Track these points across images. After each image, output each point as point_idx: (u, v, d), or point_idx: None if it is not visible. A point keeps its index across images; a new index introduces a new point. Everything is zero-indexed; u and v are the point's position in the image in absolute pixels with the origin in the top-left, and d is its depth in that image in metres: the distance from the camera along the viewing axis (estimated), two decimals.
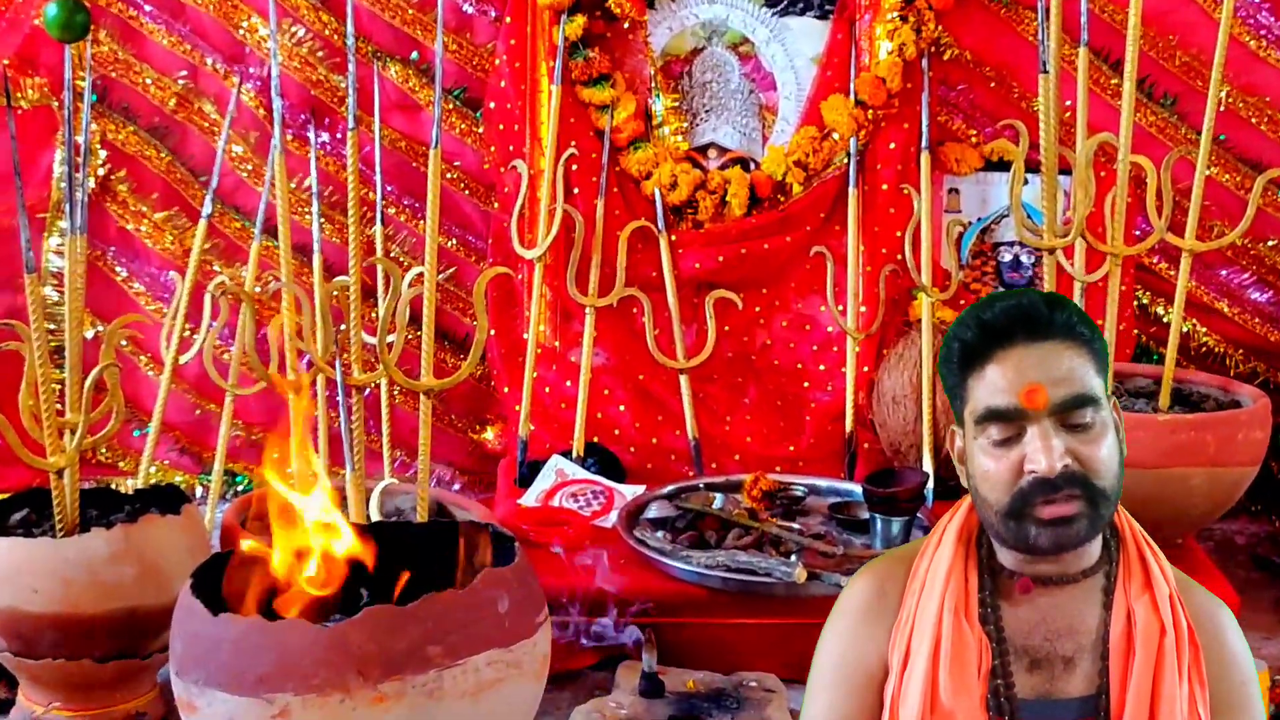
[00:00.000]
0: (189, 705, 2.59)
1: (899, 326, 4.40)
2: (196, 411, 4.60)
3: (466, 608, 2.57)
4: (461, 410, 4.63)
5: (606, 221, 4.33)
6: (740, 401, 4.49)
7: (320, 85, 4.42)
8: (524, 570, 2.71)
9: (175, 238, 4.49)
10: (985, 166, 4.44)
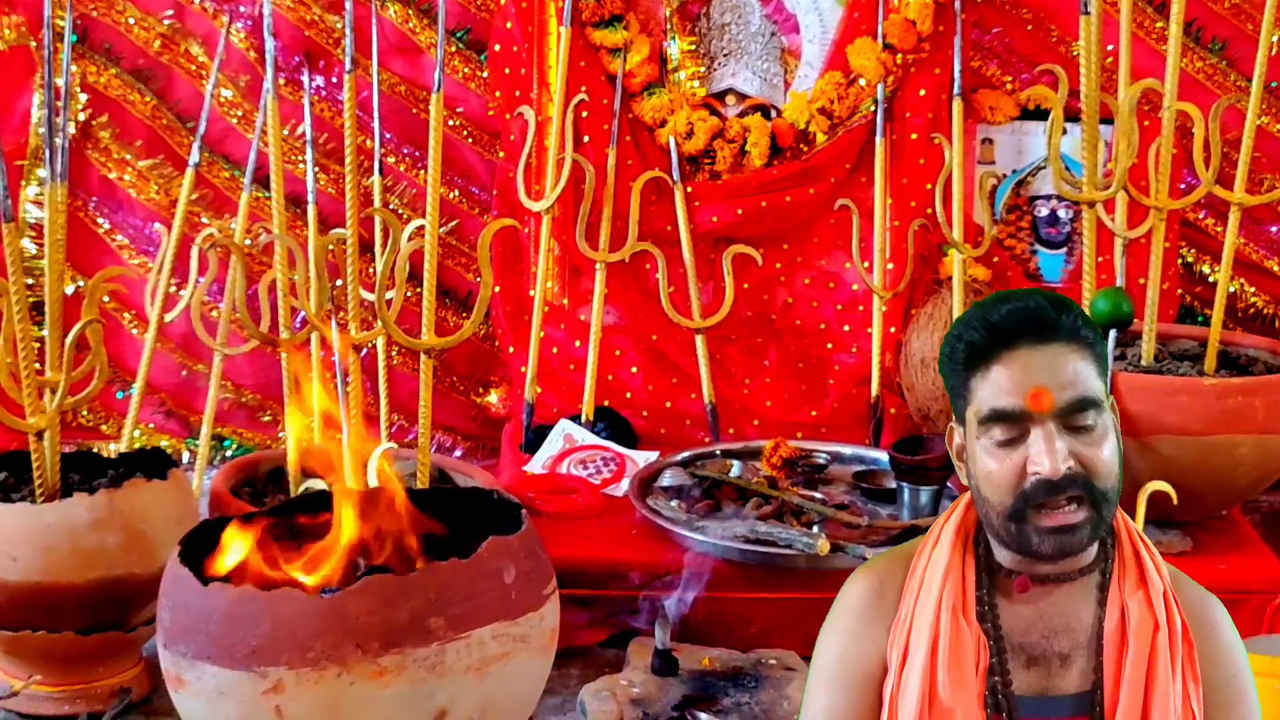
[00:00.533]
0: (177, 679, 2.59)
1: (928, 285, 4.39)
2: (183, 372, 4.60)
3: (471, 578, 2.57)
4: (464, 372, 4.62)
5: (618, 172, 4.32)
6: (759, 364, 4.48)
7: (315, 26, 4.40)
8: (531, 539, 2.71)
9: (160, 187, 4.48)
10: (1021, 115, 4.42)
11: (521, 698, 2.72)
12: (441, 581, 2.54)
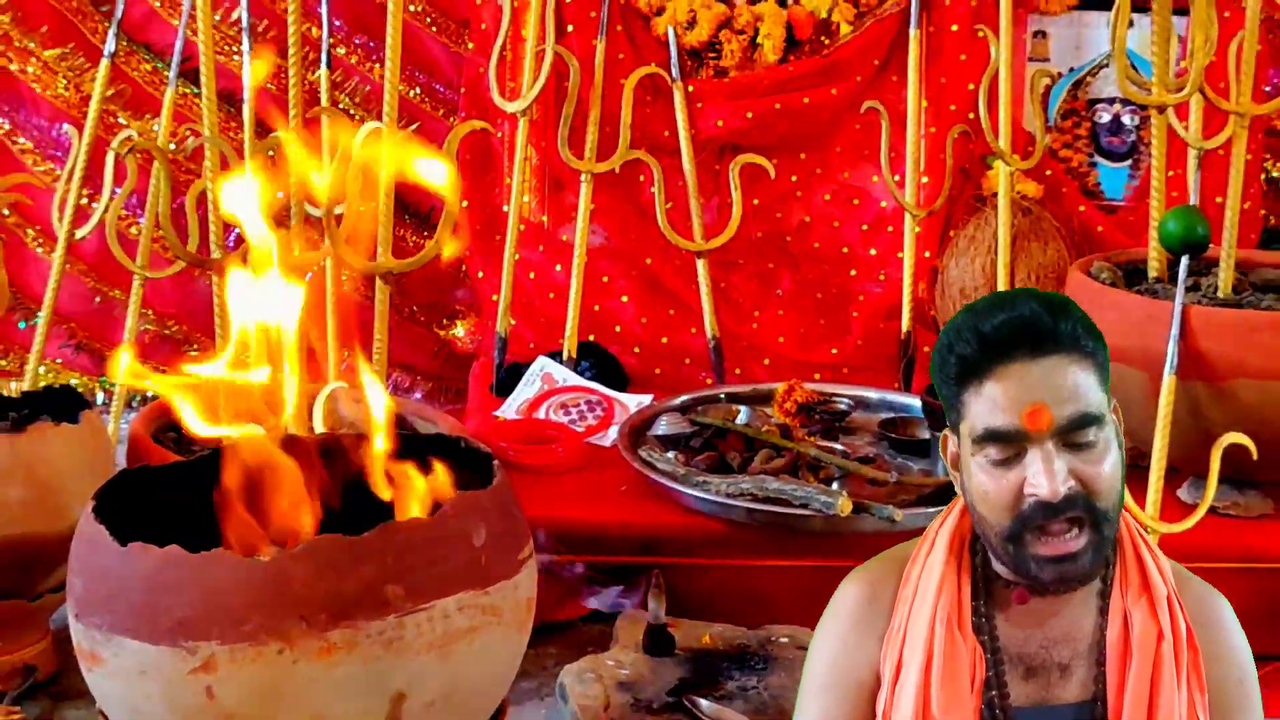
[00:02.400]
0: (91, 655, 2.60)
1: (969, 202, 4.40)
2: (97, 299, 4.61)
3: (433, 540, 2.58)
4: (425, 300, 4.64)
5: (608, 68, 4.32)
6: (771, 293, 4.50)
7: None
8: (504, 496, 2.71)
9: (70, 81, 4.48)
10: (1080, 4, 4.42)
11: (492, 679, 2.72)
12: (399, 544, 2.55)
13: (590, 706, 3.18)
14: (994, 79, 4.11)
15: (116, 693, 2.62)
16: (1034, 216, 4.28)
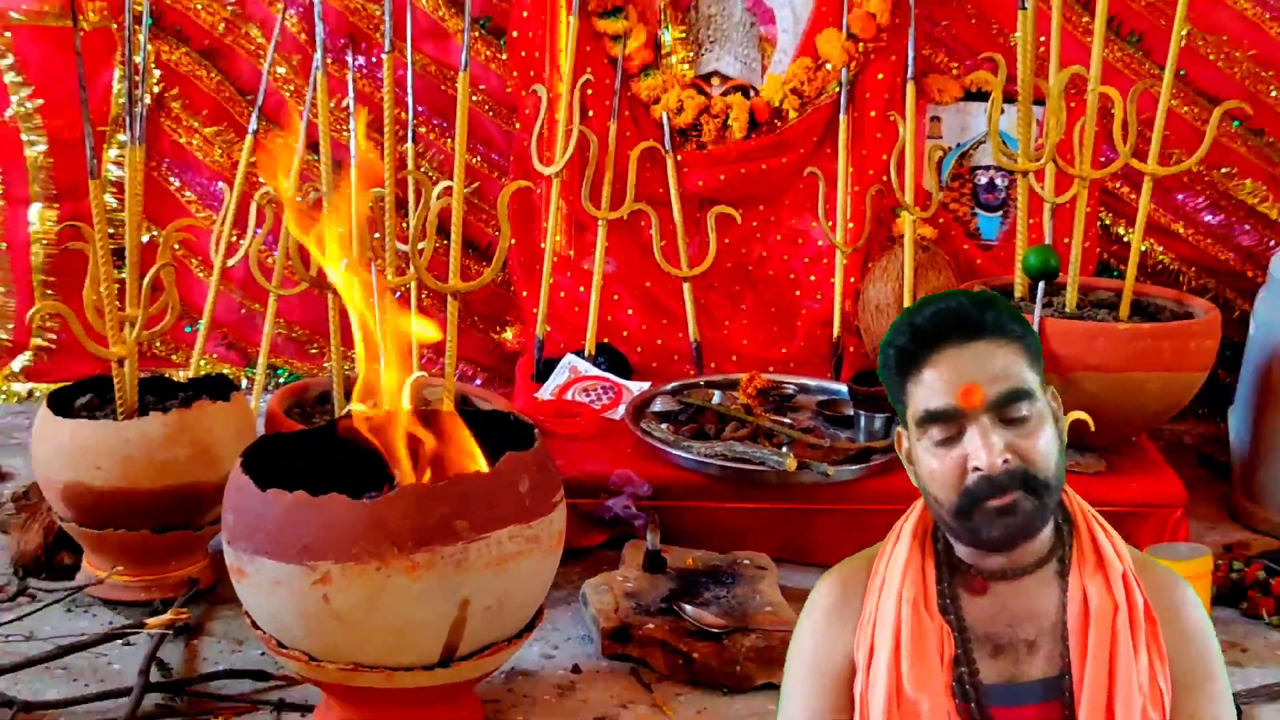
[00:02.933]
0: (239, 571, 2.61)
1: (883, 242, 4.37)
2: (242, 310, 4.59)
3: (490, 487, 2.58)
4: (484, 312, 4.61)
5: (618, 142, 4.29)
6: (737, 308, 4.47)
7: (358, 13, 4.37)
8: (542, 455, 2.72)
9: (224, 151, 4.47)
10: (965, 96, 4.39)
11: (533, 590, 2.73)
12: (466, 490, 2.56)
13: (604, 610, 3.19)
14: (902, 152, 4.10)
15: (257, 599, 2.64)
16: (930, 252, 4.27)
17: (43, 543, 3.41)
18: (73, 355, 4.43)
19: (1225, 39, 4.30)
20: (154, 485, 3.18)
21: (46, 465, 3.24)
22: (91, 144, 3.18)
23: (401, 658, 2.58)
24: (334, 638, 2.56)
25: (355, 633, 2.54)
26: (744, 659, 3.03)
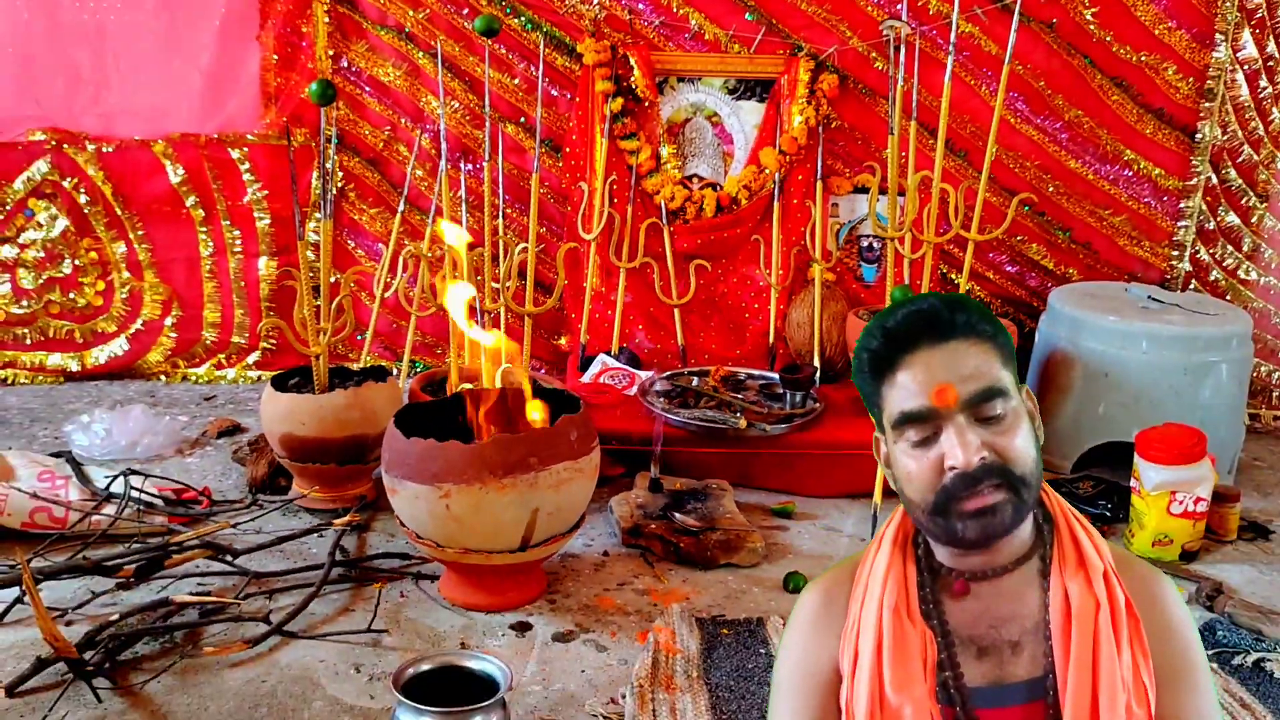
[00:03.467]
0: (392, 490, 2.63)
1: (802, 282, 4.36)
2: (394, 325, 4.55)
3: (552, 437, 2.59)
4: (548, 327, 4.59)
5: (633, 219, 4.27)
6: (709, 324, 4.45)
7: (468, 136, 4.34)
8: (585, 417, 2.73)
9: (382, 224, 4.44)
10: (854, 190, 4.36)
11: (578, 503, 2.74)
12: (536, 439, 2.57)
13: (624, 516, 3.19)
14: (813, 225, 4.10)
15: (403, 507, 2.66)
16: (831, 289, 4.25)
17: (267, 472, 3.43)
18: (286, 354, 4.45)
19: (1020, 154, 4.29)
20: (338, 435, 3.19)
21: (269, 421, 3.25)
22: (298, 219, 3.19)
23: (495, 545, 2.60)
24: (452, 531, 2.57)
25: (465, 529, 2.56)
26: (712, 547, 3.04)
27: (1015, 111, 4.25)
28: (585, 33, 4.23)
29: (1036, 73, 4.21)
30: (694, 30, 4.28)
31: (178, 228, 4.43)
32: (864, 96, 4.30)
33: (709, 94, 4.39)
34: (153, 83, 4.33)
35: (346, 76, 4.32)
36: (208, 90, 4.33)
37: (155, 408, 4.15)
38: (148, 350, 4.53)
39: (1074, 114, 4.25)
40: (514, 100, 4.34)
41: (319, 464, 3.21)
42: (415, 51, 4.29)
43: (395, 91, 4.35)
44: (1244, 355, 3.67)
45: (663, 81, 4.34)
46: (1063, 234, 4.37)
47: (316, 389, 3.27)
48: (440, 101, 3.76)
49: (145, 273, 4.48)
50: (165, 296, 4.50)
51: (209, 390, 4.45)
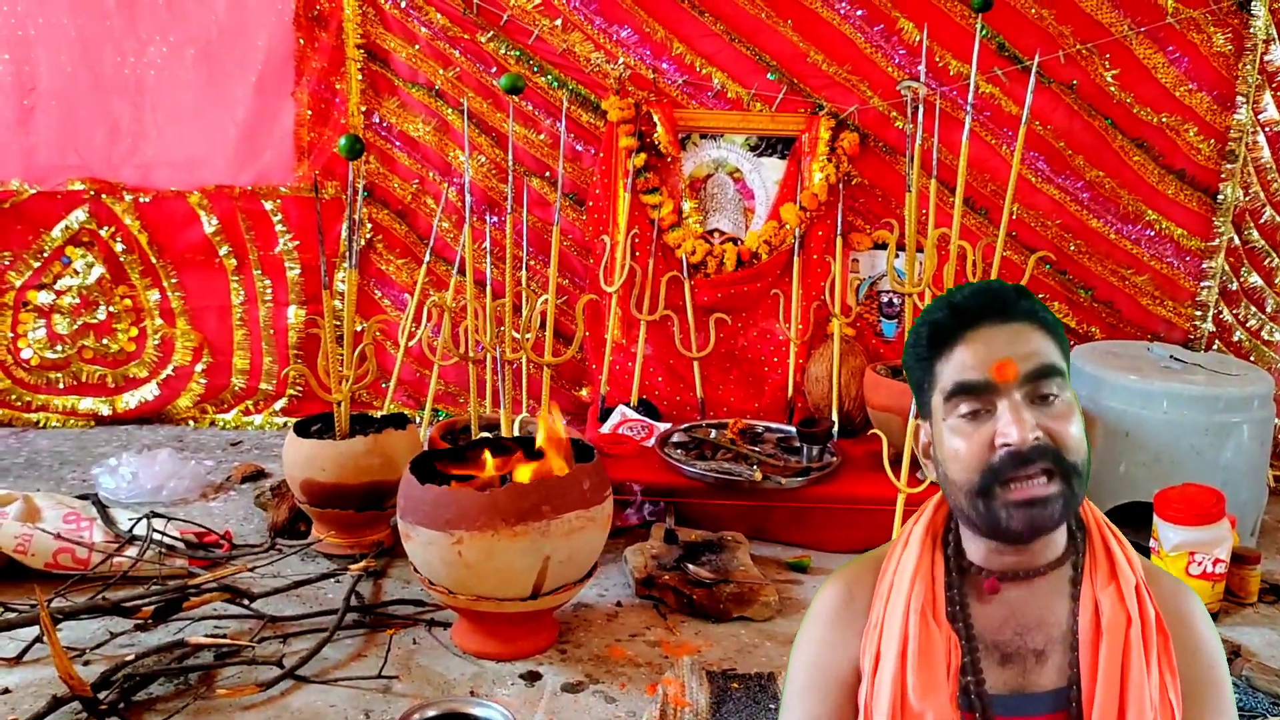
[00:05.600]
0: (406, 535, 2.65)
1: (821, 337, 4.38)
2: (417, 374, 4.61)
3: (565, 485, 2.61)
4: (568, 378, 4.63)
5: (654, 272, 4.32)
6: (728, 377, 4.47)
7: (493, 190, 4.42)
8: (599, 466, 2.75)
9: (408, 274, 4.51)
10: (874, 246, 4.39)
11: (591, 552, 2.75)
12: (549, 487, 2.59)
13: (638, 566, 3.18)
14: (833, 280, 4.12)
15: (419, 553, 2.67)
16: (850, 344, 4.26)
17: (288, 517, 3.46)
18: (312, 400, 4.49)
19: (1041, 213, 4.31)
20: (357, 481, 3.21)
21: (291, 467, 3.28)
22: (325, 269, 3.25)
23: (506, 593, 2.60)
24: (464, 578, 2.58)
25: (477, 576, 2.57)
26: (725, 600, 3.03)
27: (1036, 171, 4.28)
28: (610, 90, 4.32)
29: (1057, 133, 4.24)
30: (717, 89, 4.36)
31: (210, 277, 4.53)
32: (884, 154, 4.35)
33: (731, 150, 4.46)
34: (190, 135, 4.45)
35: (378, 131, 4.43)
36: (243, 143, 4.44)
37: (182, 452, 4.21)
38: (178, 395, 4.61)
39: (1095, 174, 4.27)
40: (539, 155, 4.42)
41: (338, 509, 3.23)
42: (444, 108, 4.40)
43: (424, 146, 4.44)
44: (1266, 416, 3.64)
45: (685, 138, 4.41)
46: (1084, 293, 4.37)
47: (337, 435, 3.30)
48: (466, 156, 3.84)
49: (178, 320, 4.57)
50: (196, 344, 4.58)
51: (236, 436, 4.52)
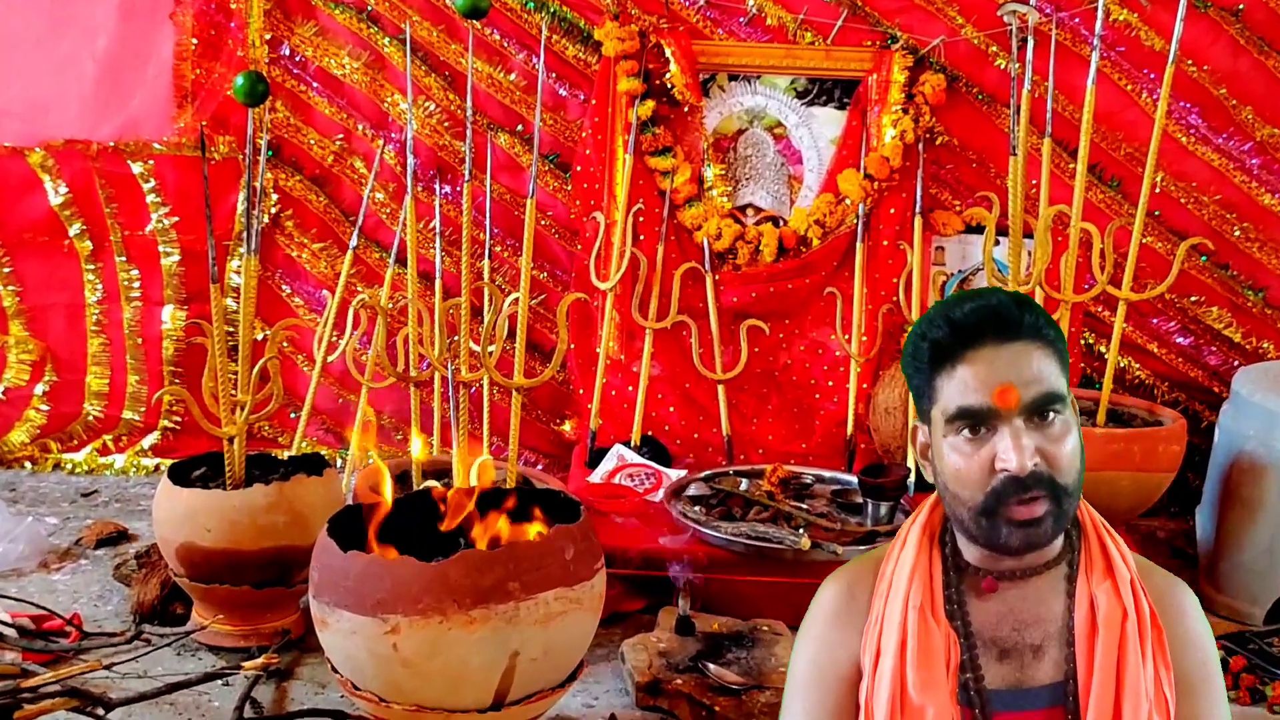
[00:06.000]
0: (322, 621, 2.63)
1: (893, 353, 4.38)
2: (339, 400, 4.63)
3: (540, 554, 2.59)
4: (546, 407, 4.64)
5: (665, 262, 4.34)
6: (765, 408, 4.48)
7: (445, 149, 4.45)
8: (587, 528, 2.73)
9: (328, 264, 4.54)
10: (965, 229, 4.41)
11: (575, 646, 2.72)
12: (518, 556, 2.57)
13: (639, 666, 3.18)
14: (909, 276, 4.14)
15: (338, 646, 2.66)
16: None
17: (159, 594, 3.45)
18: (194, 435, 4.48)
19: (1194, 185, 4.32)
20: (255, 547, 3.20)
21: (165, 527, 3.27)
22: (214, 255, 3.25)
23: (458, 701, 2.58)
24: (401, 682, 2.56)
25: (419, 678, 2.55)
26: (759, 713, 3.01)
27: (1187, 128, 4.29)
28: (606, 14, 4.34)
29: (1217, 76, 4.26)
30: (752, 13, 4.38)
31: (56, 264, 4.53)
32: (979, 104, 4.37)
33: (771, 97, 4.47)
34: (31, 71, 4.45)
35: (288, 68, 4.45)
36: (103, 82, 4.45)
37: (14, 505, 4.20)
38: (8, 428, 4.60)
39: (1267, 132, 4.28)
40: (508, 102, 4.44)
41: (228, 585, 3.22)
42: (379, 37, 4.42)
43: (351, 89, 4.46)
44: None
45: (709, 80, 4.44)
46: (1254, 294, 4.38)
47: (228, 484, 3.30)
48: (409, 103, 3.84)
49: (10, 324, 4.57)
50: (35, 356, 4.59)
51: (88, 483, 4.50)
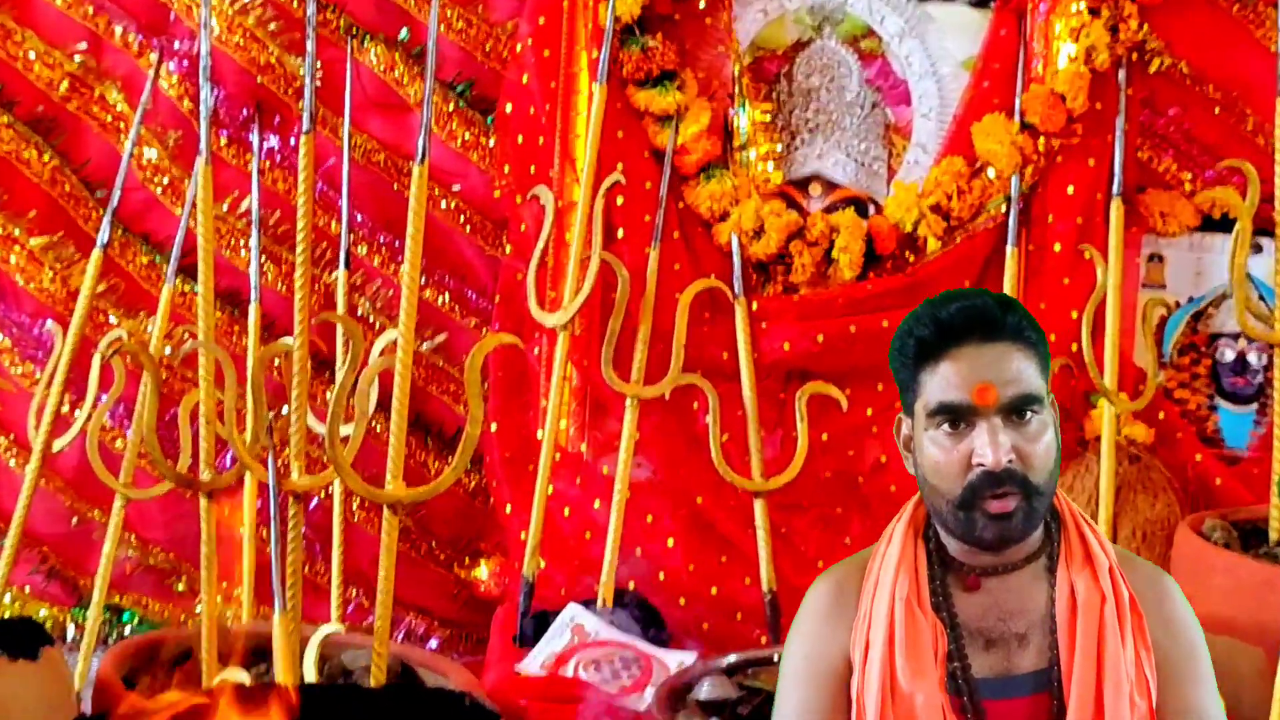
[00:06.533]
0: None
1: (1069, 445, 4.34)
2: (74, 519, 4.61)
3: None
4: (446, 536, 4.63)
5: (662, 279, 4.33)
6: (839, 541, 4.45)
7: (271, 71, 4.44)
8: None
9: (58, 274, 4.51)
10: (1202, 225, 4.43)
11: None
12: None
13: None
14: (1100, 306, 4.12)
15: None
16: (1142, 465, 4.25)
17: None
18: None
19: None
20: None
21: None
22: None
23: None
24: None
25: None
26: None
27: None
28: None
29: None
30: None
31: None
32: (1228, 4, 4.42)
33: None
34: None
35: None
36: None
37: None
38: None
39: None
40: None
41: None
42: None
43: None
44: None
45: None
46: None
47: None
48: None
49: None
50: None
51: None
